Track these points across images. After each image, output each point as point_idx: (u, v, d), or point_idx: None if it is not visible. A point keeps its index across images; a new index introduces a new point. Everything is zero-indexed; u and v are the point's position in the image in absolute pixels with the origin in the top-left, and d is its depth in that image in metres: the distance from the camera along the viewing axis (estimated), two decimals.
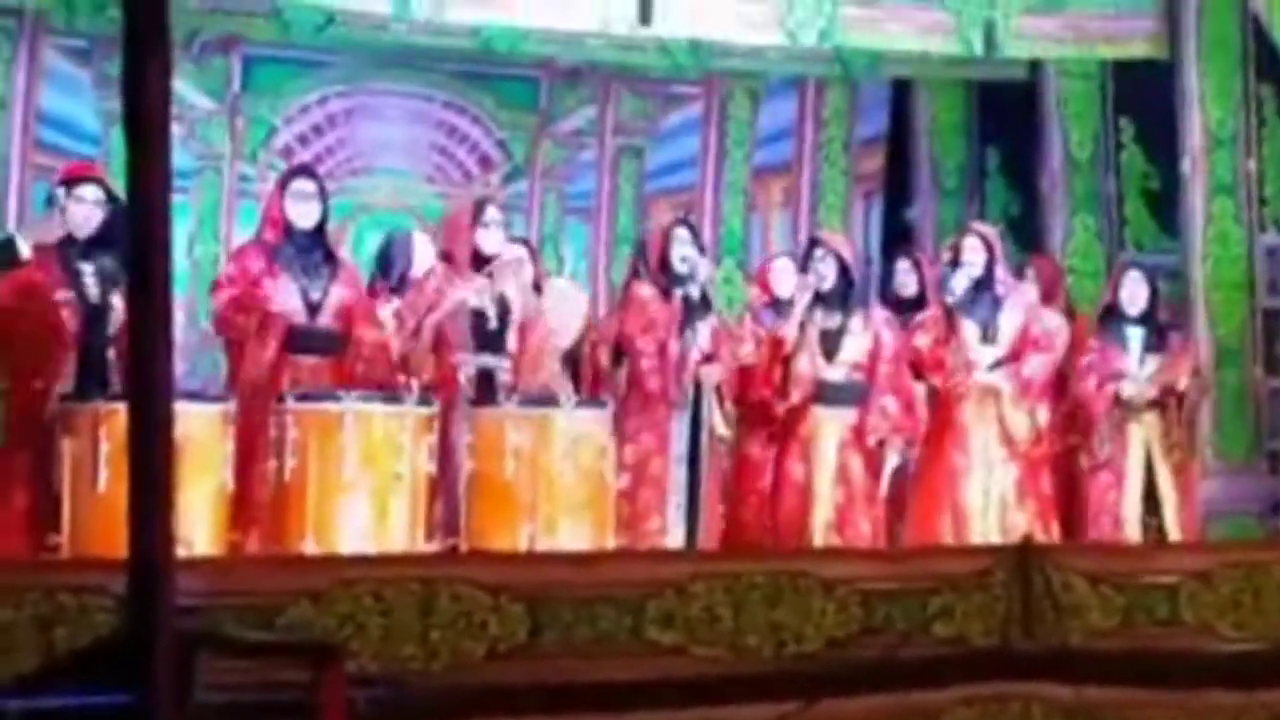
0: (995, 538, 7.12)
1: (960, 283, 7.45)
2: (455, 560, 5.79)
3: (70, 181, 6.36)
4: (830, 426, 7.31)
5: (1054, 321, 7.75)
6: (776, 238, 10.78)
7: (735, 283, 10.31)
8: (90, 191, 6.28)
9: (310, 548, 5.75)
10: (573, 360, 7.48)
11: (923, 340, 7.49)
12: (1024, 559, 5.64)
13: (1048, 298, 8.14)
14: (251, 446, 6.01)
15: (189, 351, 7.85)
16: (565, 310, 7.42)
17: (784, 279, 7.96)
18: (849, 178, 11.09)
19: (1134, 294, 7.73)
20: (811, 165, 11.04)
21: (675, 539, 7.00)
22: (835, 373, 7.34)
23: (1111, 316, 7.78)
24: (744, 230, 10.85)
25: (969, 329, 7.43)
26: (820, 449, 7.29)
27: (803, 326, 7.36)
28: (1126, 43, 9.36)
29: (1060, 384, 7.74)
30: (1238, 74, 9.12)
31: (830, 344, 7.36)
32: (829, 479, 7.24)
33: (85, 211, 6.24)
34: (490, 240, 6.76)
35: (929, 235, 10.51)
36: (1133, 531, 7.56)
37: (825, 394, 7.31)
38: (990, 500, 7.33)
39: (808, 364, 7.33)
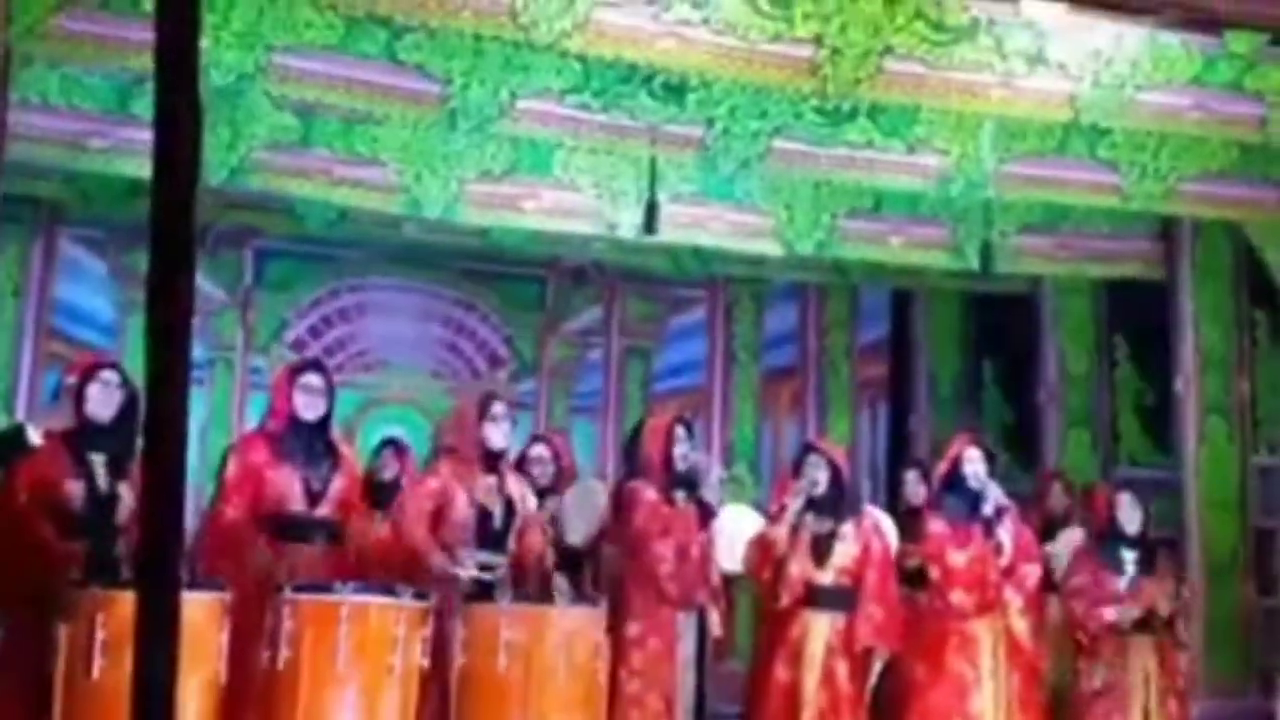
0: None
1: (992, 497, 7.49)
2: None
3: (87, 369, 6.46)
4: (819, 630, 7.32)
5: (1030, 533, 7.83)
6: (787, 442, 10.85)
7: (747, 486, 10.37)
8: (110, 376, 6.38)
9: None
10: (571, 559, 7.49)
11: (958, 558, 7.47)
12: None
13: (1066, 519, 8.23)
14: (247, 636, 6.02)
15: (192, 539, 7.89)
16: (587, 508, 7.46)
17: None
18: (852, 383, 11.21)
19: (1130, 517, 7.81)
20: (816, 371, 11.18)
21: None
22: (825, 577, 7.37)
23: (1104, 538, 7.84)
24: (755, 434, 10.94)
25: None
26: (809, 652, 7.29)
27: (795, 531, 7.40)
28: (1121, 263, 9.53)
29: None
30: (1231, 297, 9.27)
31: (821, 548, 7.40)
32: (815, 682, 7.24)
33: (105, 394, 6.32)
34: (496, 435, 6.81)
35: (927, 443, 10.59)
36: None
37: (815, 598, 7.34)
38: (999, 709, 7.32)
39: (798, 568, 7.36)
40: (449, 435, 7.14)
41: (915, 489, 8.47)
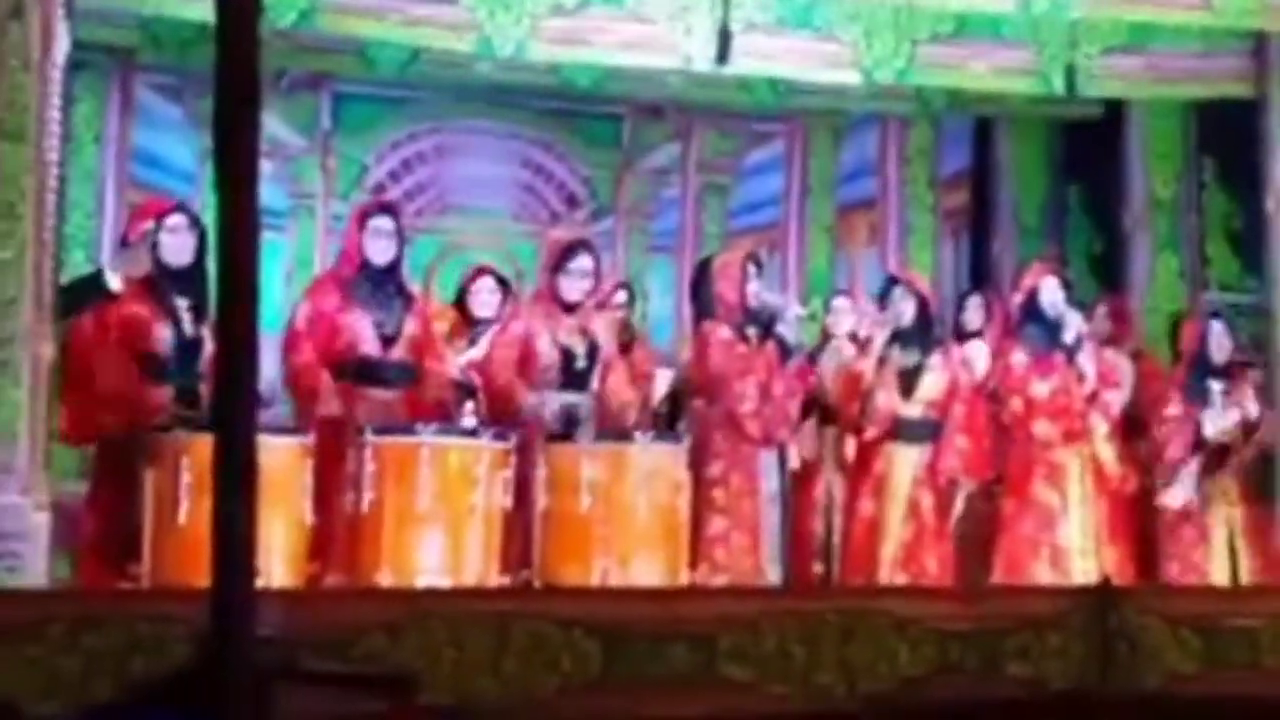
0: (1094, 577, 7.07)
1: (1073, 325, 7.40)
2: (530, 595, 5.83)
3: (160, 215, 6.47)
4: (905, 463, 7.31)
5: (1116, 359, 7.75)
6: (864, 275, 10.76)
7: (820, 321, 10.31)
8: (179, 221, 6.39)
9: (386, 580, 5.80)
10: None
11: (1041, 388, 7.43)
12: (1102, 601, 5.60)
13: (1118, 339, 8.13)
14: (329, 479, 6.08)
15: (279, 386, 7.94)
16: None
17: (840, 319, 8.03)
18: (934, 214, 11.06)
19: (1220, 345, 7.75)
20: (896, 202, 11.03)
21: (772, 580, 7.00)
22: (911, 410, 7.34)
23: (1193, 367, 7.77)
24: (830, 269, 10.84)
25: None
26: (893, 485, 7.29)
27: (881, 363, 7.36)
28: (1211, 82, 9.28)
29: (1128, 424, 7.72)
30: None
31: (907, 381, 7.36)
32: (900, 515, 7.24)
33: (177, 241, 6.34)
34: (570, 288, 6.79)
35: (1010, 272, 10.46)
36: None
37: (901, 431, 7.32)
38: (1088, 537, 7.31)
39: (885, 400, 7.33)
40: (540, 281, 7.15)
41: (973, 314, 8.38)
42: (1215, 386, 7.69)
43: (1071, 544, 7.30)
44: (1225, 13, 8.06)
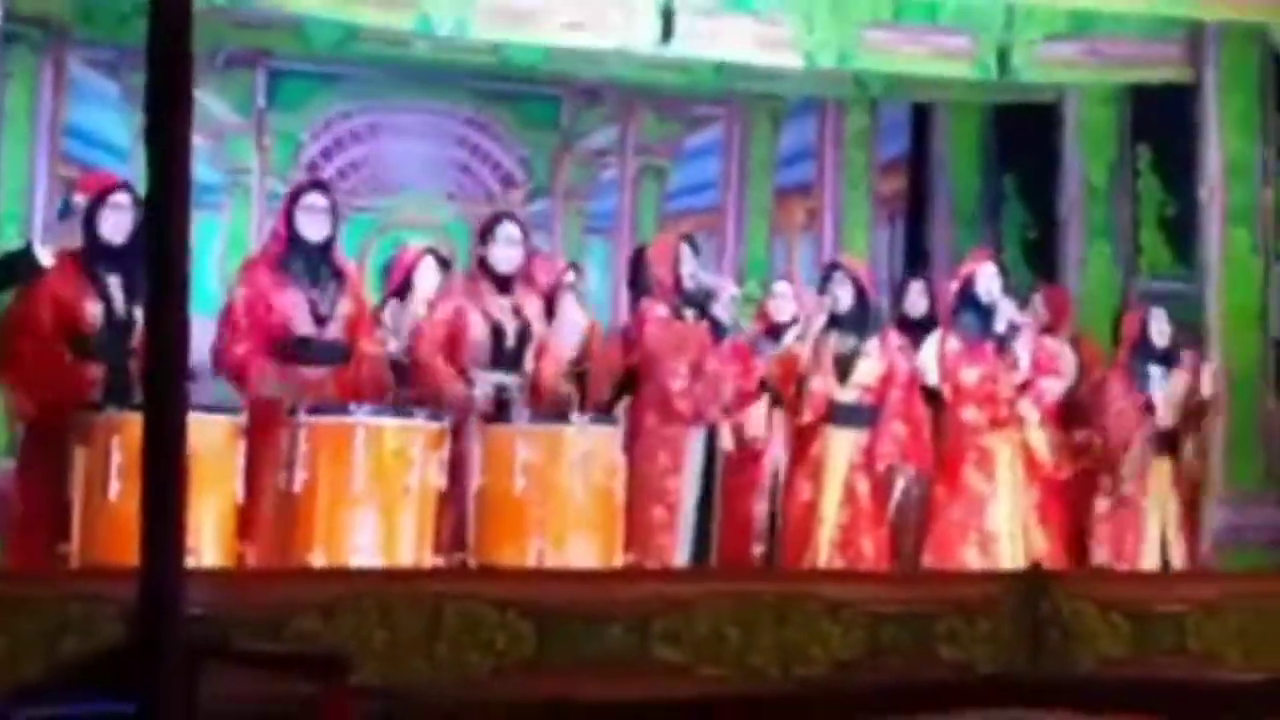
0: (1022, 562, 7.12)
1: (1004, 313, 7.45)
2: (463, 575, 5.81)
3: (100, 191, 6.38)
4: (840, 447, 7.35)
5: (1058, 346, 7.80)
6: (800, 260, 10.79)
7: (755, 303, 10.32)
8: (122, 199, 6.31)
9: (318, 560, 5.77)
10: (579, 377, 7.48)
11: (970, 374, 7.48)
12: (1033, 585, 5.64)
13: (1055, 327, 8.19)
14: (262, 459, 6.04)
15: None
16: (568, 327, 7.42)
17: (782, 305, 8.04)
18: (871, 200, 11.10)
19: (1160, 330, 7.85)
20: (833, 187, 11.06)
21: (682, 557, 7.02)
22: (847, 394, 7.37)
23: (1135, 354, 7.86)
24: (767, 252, 10.86)
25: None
26: (829, 469, 7.32)
27: (817, 347, 7.38)
28: (1147, 68, 9.36)
29: (1068, 411, 7.78)
30: (1257, 104, 9.10)
31: (844, 366, 7.39)
32: (836, 499, 7.28)
33: (118, 218, 6.25)
34: (501, 258, 6.76)
35: (945, 259, 10.51)
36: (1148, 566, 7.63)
37: (837, 415, 7.35)
38: (1014, 526, 7.36)
39: (820, 384, 7.35)
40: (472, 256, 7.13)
41: (917, 300, 8.40)
42: (1156, 372, 7.79)
43: (1000, 529, 7.35)
44: (1161, 1, 8.12)
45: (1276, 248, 9.05)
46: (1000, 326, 7.47)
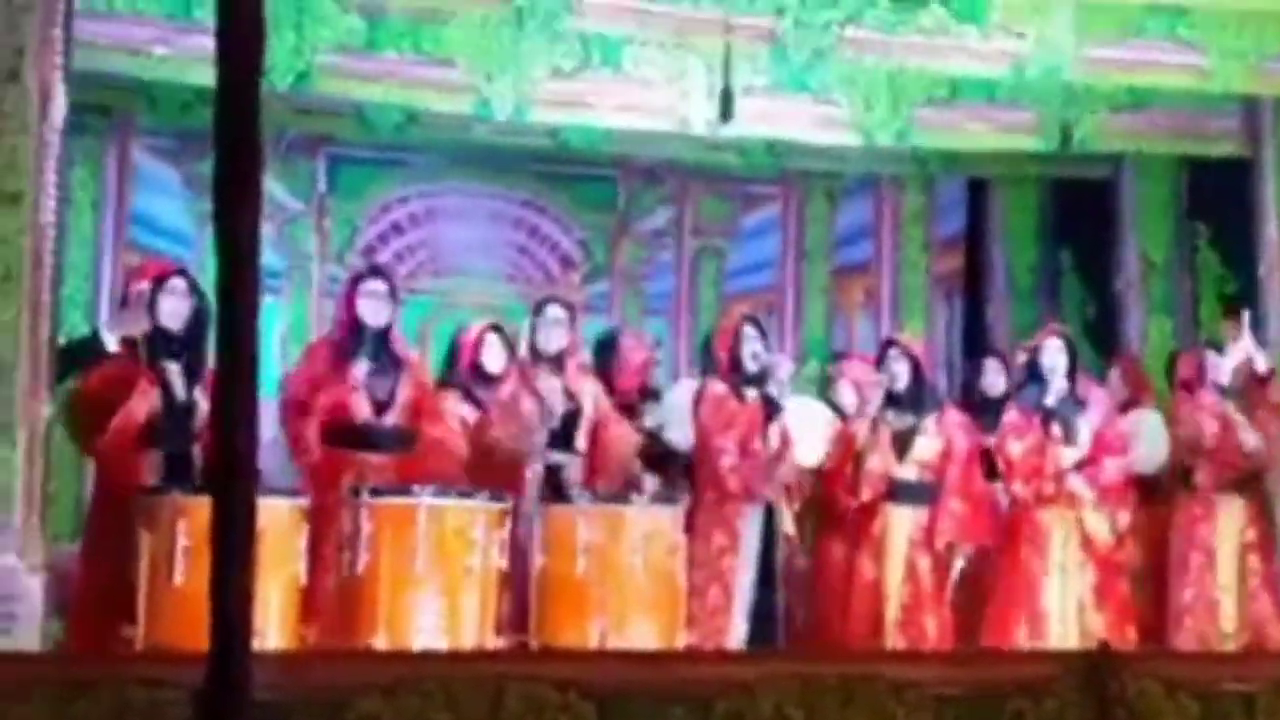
0: (1074, 643, 7.05)
1: (1056, 387, 7.39)
2: (525, 657, 5.79)
3: (158, 278, 6.48)
4: (900, 525, 7.33)
5: (1142, 421, 7.72)
6: (860, 338, 10.77)
7: (816, 382, 10.29)
8: (178, 285, 6.40)
9: (381, 642, 5.77)
10: (649, 458, 7.48)
11: (1015, 447, 7.41)
12: (1099, 665, 5.57)
13: (1135, 401, 8.13)
14: (324, 540, 6.07)
15: (277, 448, 7.93)
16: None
17: (843, 390, 8.03)
18: (928, 278, 11.10)
19: (1219, 366, 7.77)
20: (891, 265, 11.07)
21: (738, 637, 6.99)
22: (906, 472, 7.35)
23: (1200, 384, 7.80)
24: (826, 331, 10.86)
25: (1055, 432, 7.40)
26: (890, 547, 7.29)
27: (875, 425, 7.37)
28: (1205, 141, 9.36)
29: (1145, 489, 7.71)
30: None
31: (902, 443, 7.37)
32: (899, 577, 7.24)
33: (174, 304, 6.34)
34: (546, 339, 6.81)
35: (1004, 335, 10.48)
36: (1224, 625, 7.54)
37: (896, 493, 7.32)
38: (1068, 605, 7.28)
39: (879, 462, 7.33)
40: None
41: (993, 379, 8.37)
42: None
43: (1050, 608, 7.27)
44: (1216, 77, 8.13)
45: None
46: (1049, 399, 7.40)
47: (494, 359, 7.54)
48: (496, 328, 7.81)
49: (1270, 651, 7.41)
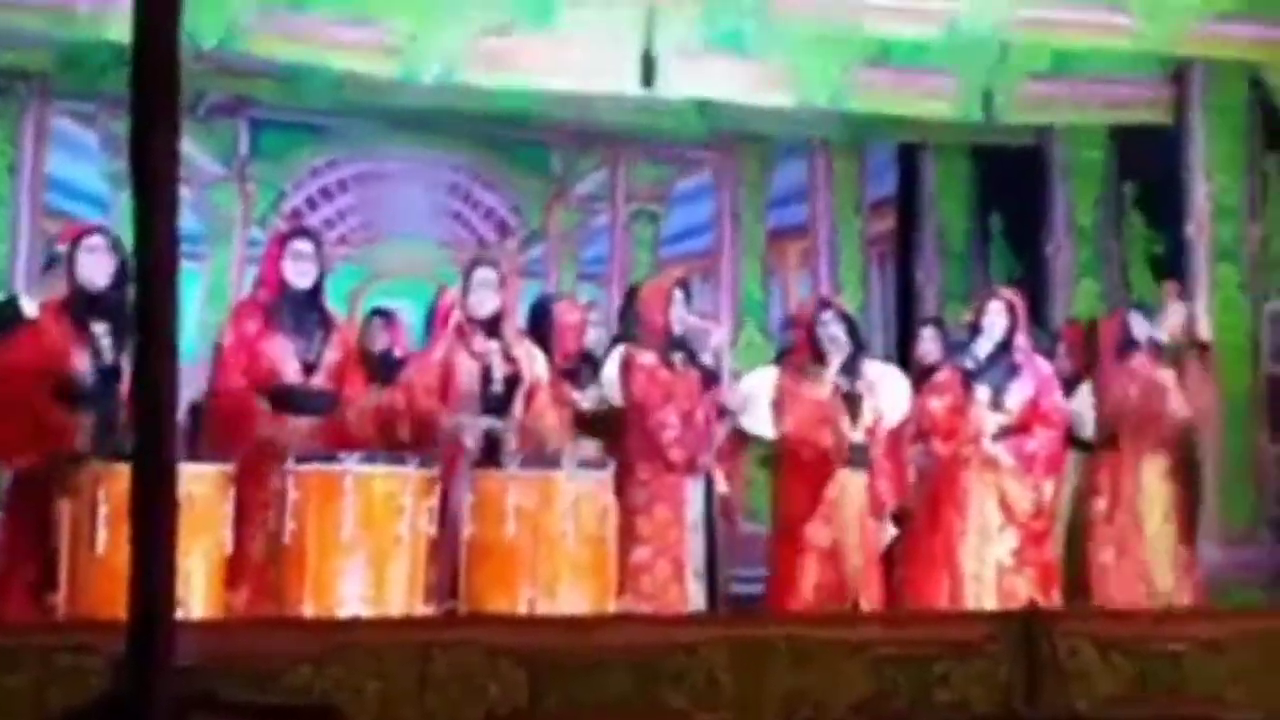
0: (991, 604, 7.07)
1: (983, 348, 7.36)
2: (454, 623, 5.74)
3: (76, 237, 6.36)
4: (854, 489, 7.25)
5: (1064, 402, 7.71)
6: (796, 302, 10.77)
7: (756, 346, 10.29)
8: (98, 240, 6.27)
9: (308, 610, 5.71)
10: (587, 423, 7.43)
11: (936, 404, 7.41)
12: (1029, 625, 5.58)
13: (1081, 371, 8.15)
14: (251, 507, 5.98)
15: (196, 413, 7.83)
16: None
17: None
18: (862, 240, 11.11)
19: (1142, 325, 7.85)
20: (826, 228, 11.09)
21: (696, 606, 6.96)
22: (855, 435, 7.28)
23: (1123, 350, 7.82)
24: (764, 294, 10.84)
25: (980, 394, 7.37)
26: (848, 511, 7.23)
27: (835, 389, 7.29)
28: (1132, 109, 9.39)
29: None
30: (1243, 142, 9.13)
31: (851, 407, 7.31)
32: (854, 542, 7.19)
33: (95, 261, 6.21)
34: (478, 303, 6.73)
35: (934, 299, 10.51)
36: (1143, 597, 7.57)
37: (849, 457, 7.27)
38: (985, 566, 7.27)
39: (843, 426, 7.29)
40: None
41: (928, 346, 8.38)
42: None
43: (969, 570, 7.27)
44: (1145, 38, 8.14)
45: (1264, 284, 9.06)
46: (968, 362, 7.38)
47: (380, 342, 7.49)
48: (380, 311, 7.78)
49: (1200, 609, 7.46)
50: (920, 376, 7.88)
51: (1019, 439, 7.35)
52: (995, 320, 7.43)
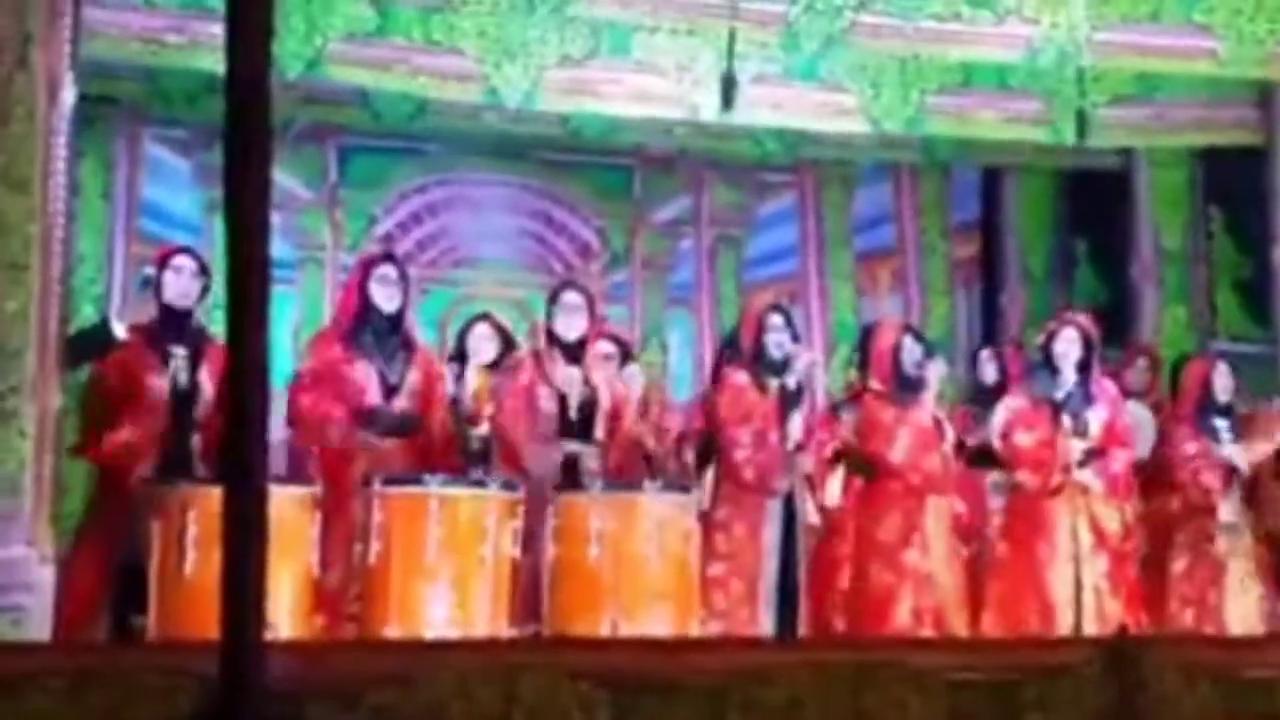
0: (1091, 628, 7.01)
1: (1067, 378, 7.33)
2: (538, 646, 5.77)
3: (164, 257, 6.48)
4: (942, 516, 7.25)
5: (1135, 416, 7.66)
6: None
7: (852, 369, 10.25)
8: (184, 263, 6.38)
9: (394, 633, 5.75)
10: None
11: (1024, 438, 7.35)
12: (1119, 651, 5.53)
13: (1150, 389, 8.10)
14: (336, 530, 6.04)
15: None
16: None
17: None
18: (948, 263, 11.07)
19: (1224, 386, 7.79)
20: (913, 251, 11.04)
21: (765, 629, 6.95)
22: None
23: (1200, 407, 7.75)
24: (855, 317, 10.81)
25: (1064, 422, 7.33)
26: (935, 535, 7.23)
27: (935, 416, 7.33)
28: (1218, 131, 9.31)
29: (1146, 480, 7.67)
30: None
31: (941, 431, 7.33)
32: (942, 565, 7.18)
33: (180, 282, 6.33)
34: (564, 325, 6.77)
35: (1017, 323, 10.45)
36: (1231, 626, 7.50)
37: (935, 481, 7.29)
38: (1083, 593, 7.22)
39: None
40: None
41: (986, 368, 8.38)
42: (1222, 425, 7.68)
43: (1059, 596, 7.22)
44: (1231, 62, 8.08)
45: None
46: (1058, 393, 7.34)
47: (480, 348, 7.47)
48: (485, 316, 7.76)
49: None
50: (979, 400, 7.85)
51: (1103, 462, 7.31)
52: (1070, 348, 7.39)
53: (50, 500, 6.07)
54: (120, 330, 6.30)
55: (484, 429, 6.77)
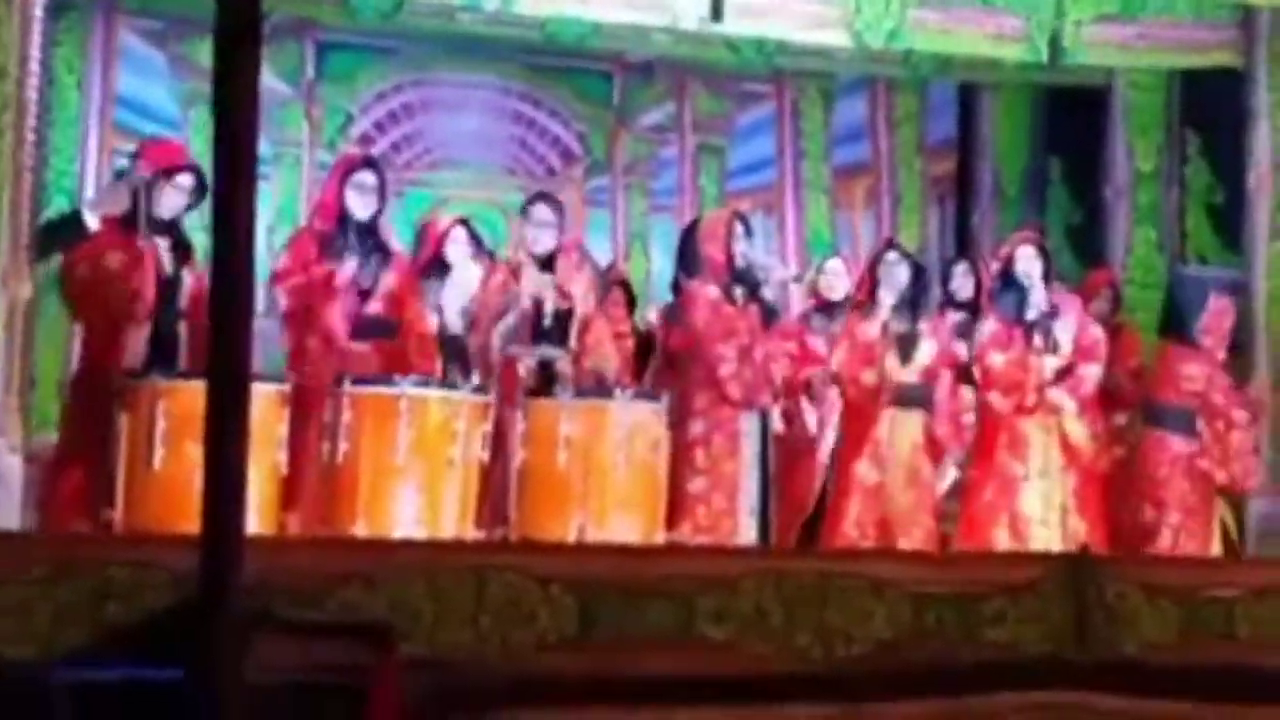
0: (1057, 546, 7.07)
1: (1035, 298, 7.34)
2: (507, 549, 5.79)
3: (167, 170, 6.35)
4: (905, 429, 7.27)
5: (1098, 332, 7.68)
6: (863, 239, 10.71)
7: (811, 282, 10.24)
8: (186, 182, 6.30)
9: (361, 531, 5.76)
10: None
11: (997, 359, 7.36)
12: (1079, 568, 5.59)
13: (1111, 311, 8.14)
14: (306, 429, 6.04)
15: (262, 337, 7.84)
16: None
17: (834, 282, 7.93)
18: (923, 180, 11.05)
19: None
20: (889, 167, 11.01)
21: (747, 540, 6.99)
22: (909, 375, 7.29)
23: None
24: (831, 230, 10.79)
25: (1036, 341, 7.35)
26: (895, 451, 7.25)
27: (884, 328, 7.30)
28: (1199, 52, 9.28)
29: (1106, 397, 7.71)
30: None
31: (905, 348, 7.30)
32: (900, 481, 7.20)
33: (177, 198, 6.26)
34: (534, 239, 6.78)
35: (988, 241, 10.45)
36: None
37: (901, 397, 7.27)
38: (1051, 508, 7.28)
39: (888, 366, 7.29)
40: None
41: (962, 282, 8.34)
42: None
43: (1033, 513, 7.27)
44: None
45: None
46: (1031, 313, 7.34)
47: (457, 253, 7.42)
48: (464, 221, 7.71)
49: (1250, 558, 7.46)
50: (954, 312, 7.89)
51: (1074, 380, 7.34)
52: (1032, 265, 7.41)
53: (20, 390, 6.05)
54: (93, 222, 6.22)
55: (459, 330, 6.78)
